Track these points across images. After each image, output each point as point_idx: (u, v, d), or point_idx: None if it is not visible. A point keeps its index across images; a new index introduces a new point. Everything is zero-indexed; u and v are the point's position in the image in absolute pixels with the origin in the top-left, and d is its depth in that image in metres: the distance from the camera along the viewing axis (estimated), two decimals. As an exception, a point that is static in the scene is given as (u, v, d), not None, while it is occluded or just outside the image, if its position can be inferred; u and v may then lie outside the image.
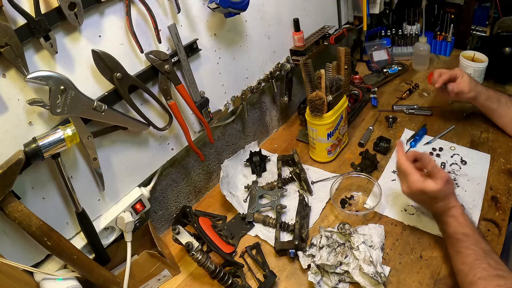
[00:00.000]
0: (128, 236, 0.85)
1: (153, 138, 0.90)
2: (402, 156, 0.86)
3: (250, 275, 0.89)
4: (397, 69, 1.50)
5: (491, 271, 0.69)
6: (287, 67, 1.19)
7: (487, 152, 1.10)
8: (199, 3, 0.88)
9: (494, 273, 0.69)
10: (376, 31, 1.62)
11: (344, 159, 1.17)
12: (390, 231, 0.93)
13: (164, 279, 0.90)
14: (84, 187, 0.78)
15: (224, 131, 1.14)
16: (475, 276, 0.70)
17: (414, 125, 1.26)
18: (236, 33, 1.02)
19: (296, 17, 1.17)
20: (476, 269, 0.70)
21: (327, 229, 0.91)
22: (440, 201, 0.81)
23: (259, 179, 1.13)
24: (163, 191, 1.00)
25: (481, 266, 0.70)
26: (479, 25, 1.59)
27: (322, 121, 1.06)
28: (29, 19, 0.59)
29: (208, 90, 0.98)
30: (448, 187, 0.80)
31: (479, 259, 0.72)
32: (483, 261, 0.71)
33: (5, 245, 0.68)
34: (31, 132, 0.66)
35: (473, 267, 0.71)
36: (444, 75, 1.11)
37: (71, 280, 0.74)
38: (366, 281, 0.79)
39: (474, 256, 0.72)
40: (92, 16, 0.69)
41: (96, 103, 0.70)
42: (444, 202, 0.81)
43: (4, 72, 0.60)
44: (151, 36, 0.80)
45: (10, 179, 0.61)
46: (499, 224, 0.91)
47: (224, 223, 1.02)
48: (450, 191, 0.82)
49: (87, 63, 0.70)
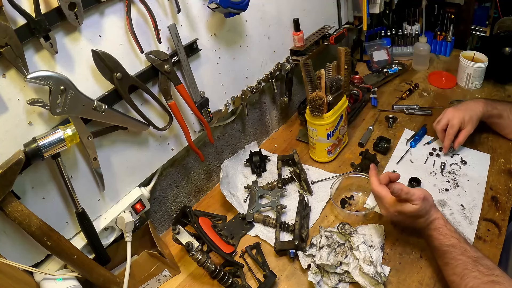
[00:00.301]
0: (128, 236, 0.85)
1: (153, 138, 0.90)
2: (374, 180, 0.86)
3: (250, 275, 0.89)
4: (397, 69, 1.50)
5: (482, 278, 0.68)
6: (287, 67, 1.19)
7: (487, 152, 1.10)
8: (199, 3, 0.88)
9: (486, 280, 0.68)
10: (376, 31, 1.62)
11: (344, 159, 1.17)
12: (390, 231, 0.93)
13: (164, 279, 0.90)
14: (84, 187, 0.78)
15: (224, 131, 1.14)
16: (467, 285, 0.69)
17: (414, 125, 1.26)
18: (236, 33, 1.02)
19: (296, 17, 1.17)
20: (466, 279, 0.70)
21: (327, 229, 0.91)
22: (420, 217, 0.81)
23: (259, 179, 1.13)
24: (163, 191, 1.00)
25: (472, 274, 0.70)
26: (479, 25, 1.59)
27: (322, 121, 1.06)
28: (29, 19, 0.59)
29: (208, 90, 0.98)
30: (426, 203, 0.80)
31: (469, 268, 0.71)
32: (473, 269, 0.70)
33: (5, 245, 0.68)
34: (31, 132, 0.66)
35: (464, 277, 0.70)
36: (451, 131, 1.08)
37: (71, 280, 0.74)
38: (366, 281, 0.79)
39: (463, 266, 0.72)
40: (92, 16, 0.69)
41: (96, 103, 0.70)
42: (425, 218, 0.80)
43: (4, 72, 0.60)
44: (151, 36, 0.80)
45: (10, 179, 0.61)
46: (499, 224, 0.91)
47: (224, 223, 1.02)
48: (430, 205, 0.81)
49: (87, 63, 0.70)
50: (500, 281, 0.67)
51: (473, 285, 0.68)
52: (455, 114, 1.07)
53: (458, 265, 0.73)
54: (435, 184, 1.03)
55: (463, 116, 1.06)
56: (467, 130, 1.07)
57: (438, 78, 1.47)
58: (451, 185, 1.03)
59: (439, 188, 1.02)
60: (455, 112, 1.08)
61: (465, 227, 0.91)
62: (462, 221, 0.93)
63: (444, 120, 1.09)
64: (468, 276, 0.70)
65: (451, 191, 1.01)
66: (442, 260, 0.77)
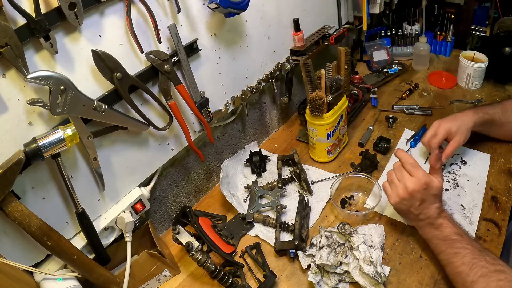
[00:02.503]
0: (128, 236, 0.85)
1: (153, 138, 0.90)
2: (405, 154, 0.86)
3: (250, 275, 0.89)
4: (397, 69, 1.50)
5: (490, 267, 0.70)
6: (287, 67, 1.19)
7: (487, 152, 1.10)
8: (199, 3, 0.88)
9: (493, 269, 0.69)
10: (376, 31, 1.62)
11: (344, 159, 1.17)
12: (390, 231, 0.93)
13: (164, 279, 0.90)
14: (84, 187, 0.78)
15: (224, 131, 1.14)
16: (476, 274, 0.70)
17: (414, 125, 1.26)
18: (236, 33, 1.02)
19: (296, 17, 1.17)
20: (475, 268, 0.71)
21: (327, 229, 0.91)
22: (437, 201, 0.81)
23: (259, 179, 1.13)
24: (163, 191, 1.00)
25: (480, 264, 0.71)
26: (479, 25, 1.59)
27: (322, 121, 1.06)
28: (29, 19, 0.59)
29: (208, 90, 0.98)
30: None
31: (477, 257, 0.72)
32: (480, 258, 0.72)
33: (5, 245, 0.68)
34: (31, 132, 0.66)
35: (473, 266, 0.71)
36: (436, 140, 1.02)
37: (71, 280, 0.74)
38: (366, 281, 0.79)
39: (471, 255, 0.73)
40: (92, 16, 0.69)
41: (96, 103, 0.70)
42: (439, 203, 0.81)
43: (4, 72, 0.60)
44: (151, 36, 0.80)
45: (10, 179, 0.61)
46: (499, 224, 0.91)
47: (224, 223, 1.02)
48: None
49: (87, 63, 0.70)
50: (505, 271, 0.69)
51: (482, 273, 0.69)
52: (441, 124, 1.02)
53: (467, 254, 0.73)
54: (435, 184, 1.04)
55: (449, 127, 1.01)
56: (455, 140, 1.00)
57: (438, 78, 1.47)
58: (451, 185, 1.03)
59: (439, 188, 1.02)
60: (442, 122, 1.03)
61: (465, 227, 0.90)
62: (462, 221, 0.93)
63: (430, 132, 1.03)
64: (476, 266, 0.71)
65: (451, 191, 1.01)
66: (451, 250, 0.76)
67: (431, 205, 0.81)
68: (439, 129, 1.02)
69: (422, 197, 0.81)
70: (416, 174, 0.82)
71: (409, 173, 0.83)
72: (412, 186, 0.81)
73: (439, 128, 1.02)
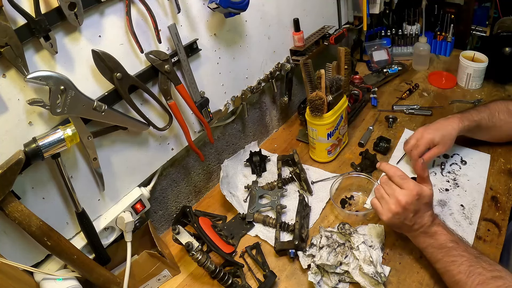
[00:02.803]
0: (128, 236, 0.85)
1: (153, 138, 0.90)
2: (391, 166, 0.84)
3: (250, 275, 0.89)
4: (397, 69, 1.50)
5: (487, 274, 0.69)
6: (287, 67, 1.19)
7: (487, 152, 1.10)
8: (199, 3, 0.88)
9: (490, 276, 0.68)
10: (376, 31, 1.62)
11: (344, 159, 1.17)
12: (390, 231, 0.93)
13: (164, 279, 0.90)
14: (84, 187, 0.78)
15: (224, 131, 1.14)
16: (474, 282, 0.69)
17: (414, 125, 1.26)
18: (236, 33, 1.02)
19: (296, 17, 1.17)
20: (472, 276, 0.69)
21: (327, 229, 0.91)
22: (430, 209, 0.80)
23: (259, 179, 1.13)
24: (163, 191, 1.00)
25: (476, 271, 0.70)
26: (479, 25, 1.59)
27: (322, 121, 1.06)
28: (29, 19, 0.59)
29: (208, 90, 0.98)
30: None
31: (473, 264, 0.71)
32: (477, 265, 0.70)
33: (5, 245, 0.68)
34: (31, 132, 0.66)
35: (470, 274, 0.70)
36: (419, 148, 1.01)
37: (71, 280, 0.74)
38: (366, 281, 0.79)
39: (468, 262, 0.72)
40: (92, 16, 0.69)
41: (96, 103, 0.70)
42: (432, 211, 0.80)
43: (4, 72, 0.60)
44: (151, 36, 0.80)
45: (10, 179, 0.61)
46: (499, 224, 0.91)
47: (224, 223, 1.02)
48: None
49: (87, 63, 0.70)
50: (503, 276, 0.68)
51: (479, 281, 0.68)
52: (424, 134, 1.01)
53: (463, 262, 0.72)
54: (435, 184, 1.03)
55: (432, 137, 1.00)
56: (437, 149, 1.00)
57: (438, 78, 1.47)
58: (451, 185, 1.03)
59: (439, 188, 1.02)
60: (424, 132, 1.01)
61: (465, 227, 0.91)
62: (462, 221, 0.93)
63: (412, 141, 1.03)
64: (473, 274, 0.70)
65: (451, 191, 1.01)
66: (447, 259, 0.75)
67: (424, 214, 0.80)
68: (421, 141, 1.01)
69: (415, 208, 0.79)
70: (406, 186, 0.79)
71: (399, 186, 0.80)
72: (405, 199, 0.78)
73: (421, 139, 1.01)
